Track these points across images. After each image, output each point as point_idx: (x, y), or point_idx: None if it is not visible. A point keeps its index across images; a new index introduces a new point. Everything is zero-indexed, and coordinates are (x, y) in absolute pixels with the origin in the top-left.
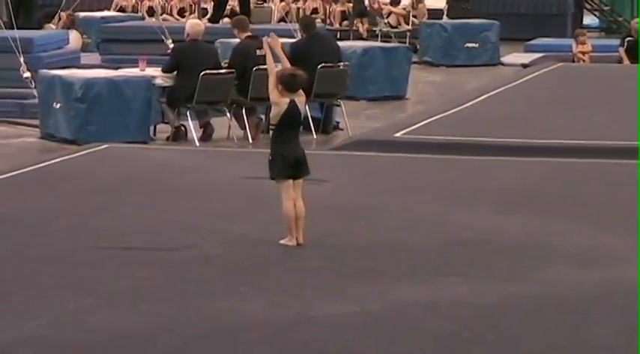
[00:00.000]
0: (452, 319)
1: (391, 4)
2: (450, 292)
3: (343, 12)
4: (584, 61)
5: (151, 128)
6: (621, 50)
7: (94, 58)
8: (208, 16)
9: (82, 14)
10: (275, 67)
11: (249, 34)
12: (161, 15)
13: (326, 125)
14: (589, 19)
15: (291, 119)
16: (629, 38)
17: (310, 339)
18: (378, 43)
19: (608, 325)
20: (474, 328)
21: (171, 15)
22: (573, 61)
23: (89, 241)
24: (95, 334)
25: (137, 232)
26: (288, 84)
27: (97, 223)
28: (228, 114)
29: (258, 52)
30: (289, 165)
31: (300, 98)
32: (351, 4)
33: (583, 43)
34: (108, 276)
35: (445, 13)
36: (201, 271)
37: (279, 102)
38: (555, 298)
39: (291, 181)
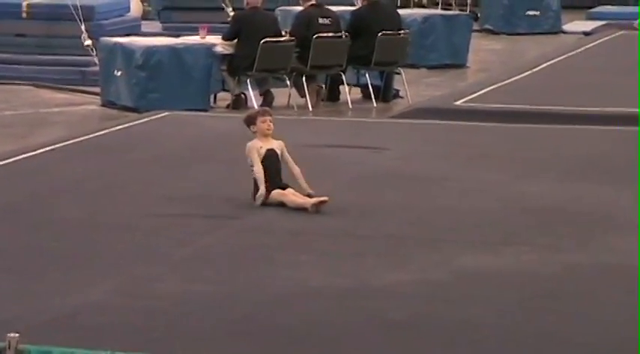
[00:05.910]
0: (516, 287)
1: None
2: (516, 261)
3: None
4: None
5: (212, 96)
6: None
7: (155, 26)
8: None
9: None
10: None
11: (313, 2)
12: None
13: (386, 93)
14: None
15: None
16: None
17: (372, 307)
18: (439, 11)
19: None
20: (539, 297)
21: None
22: None
23: (151, 208)
24: (160, 300)
25: (199, 200)
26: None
27: (158, 190)
28: (288, 82)
29: (320, 20)
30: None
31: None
32: None
33: None
34: (172, 243)
35: None
36: (262, 238)
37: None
38: (623, 267)
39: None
